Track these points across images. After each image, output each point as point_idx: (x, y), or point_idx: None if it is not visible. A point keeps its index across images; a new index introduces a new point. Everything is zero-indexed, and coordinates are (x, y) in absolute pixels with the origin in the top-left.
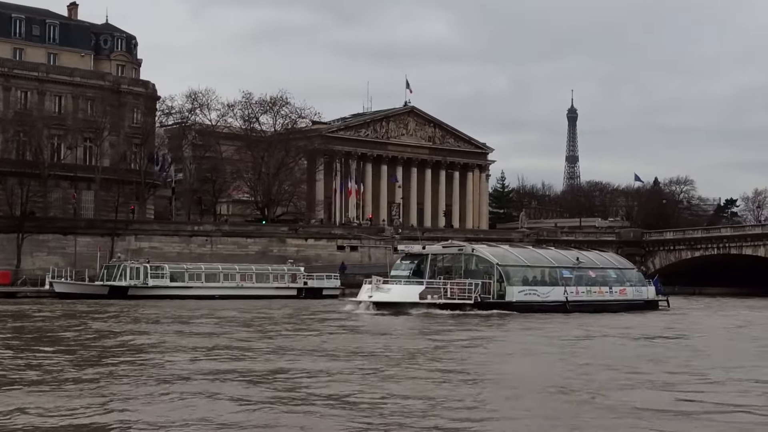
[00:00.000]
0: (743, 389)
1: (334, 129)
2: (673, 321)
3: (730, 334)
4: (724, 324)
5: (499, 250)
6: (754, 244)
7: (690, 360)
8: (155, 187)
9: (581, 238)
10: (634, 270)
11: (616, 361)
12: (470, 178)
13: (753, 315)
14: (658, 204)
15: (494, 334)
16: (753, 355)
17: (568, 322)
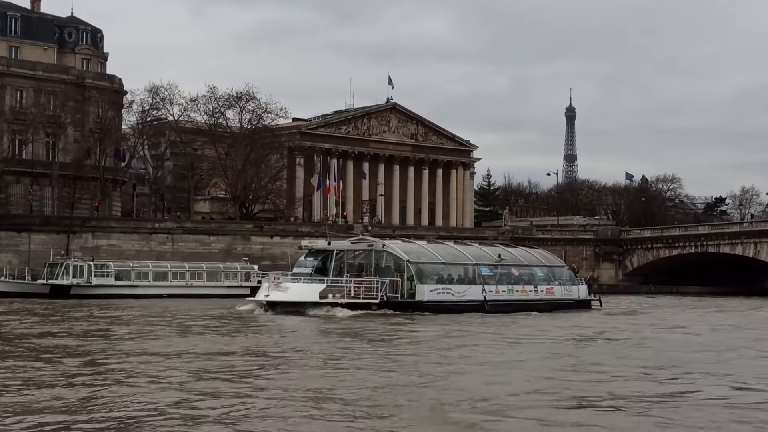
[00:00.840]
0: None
1: (314, 126)
2: (596, 322)
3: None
4: (646, 325)
5: (413, 246)
6: (731, 242)
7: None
8: (122, 183)
9: (557, 236)
10: (565, 268)
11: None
12: (453, 175)
13: (695, 317)
14: (643, 202)
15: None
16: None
17: (470, 322)
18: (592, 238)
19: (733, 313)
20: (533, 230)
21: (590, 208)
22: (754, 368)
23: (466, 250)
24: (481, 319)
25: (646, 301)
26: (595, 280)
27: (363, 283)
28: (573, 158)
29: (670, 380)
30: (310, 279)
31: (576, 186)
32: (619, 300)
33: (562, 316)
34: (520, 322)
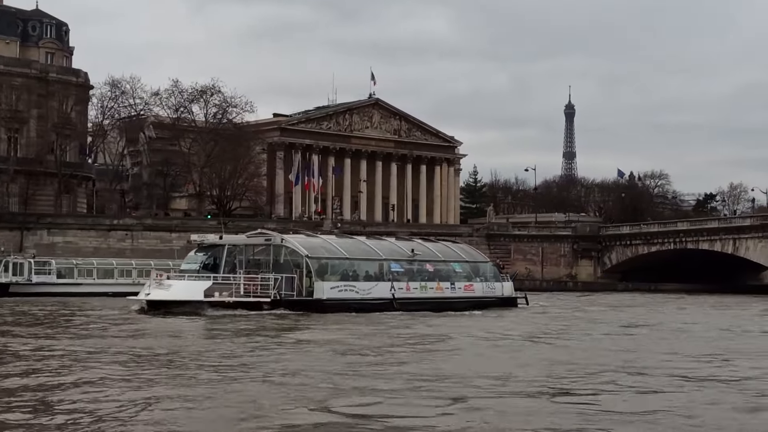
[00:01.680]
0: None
1: (294, 122)
2: (508, 322)
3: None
4: (553, 327)
5: (316, 240)
6: (710, 238)
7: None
8: (87, 179)
9: (534, 233)
10: (489, 264)
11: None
12: (438, 172)
13: (626, 316)
14: (630, 198)
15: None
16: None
17: (361, 323)
18: (571, 234)
19: (682, 312)
20: (509, 227)
21: (578, 205)
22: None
23: (377, 245)
24: (379, 319)
25: (605, 298)
26: (523, 275)
27: (254, 280)
28: (572, 155)
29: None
30: (197, 276)
31: (563, 183)
32: (564, 298)
33: (479, 315)
34: (420, 323)
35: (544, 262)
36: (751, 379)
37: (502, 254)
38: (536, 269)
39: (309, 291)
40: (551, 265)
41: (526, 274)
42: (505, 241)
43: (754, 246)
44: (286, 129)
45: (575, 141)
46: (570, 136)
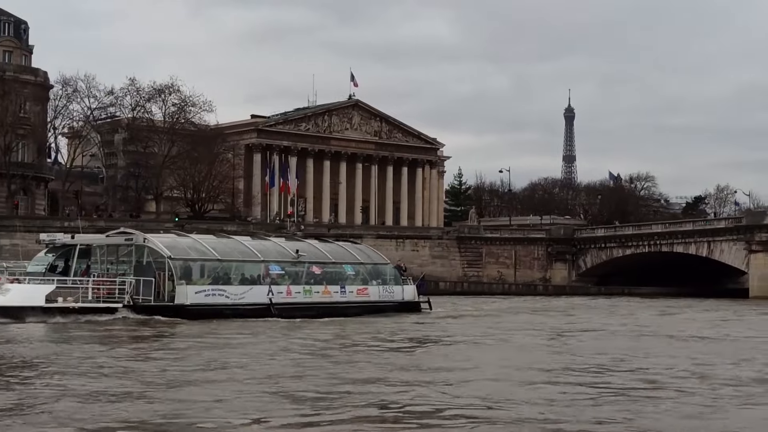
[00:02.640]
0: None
1: (272, 123)
2: (397, 328)
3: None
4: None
5: (184, 240)
6: (685, 241)
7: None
8: (47, 180)
9: (506, 235)
10: (389, 266)
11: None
12: (419, 174)
13: (536, 321)
14: (616, 200)
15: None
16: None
17: (201, 333)
18: (544, 237)
19: (607, 317)
20: (480, 229)
21: (564, 208)
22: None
23: (258, 246)
24: (244, 327)
25: (552, 303)
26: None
27: (105, 284)
28: (572, 159)
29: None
30: (41, 279)
31: (549, 185)
32: (497, 302)
33: (371, 320)
34: (293, 330)
35: (518, 266)
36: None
37: (474, 257)
38: (509, 273)
39: (171, 295)
40: (525, 268)
41: (498, 277)
42: (476, 244)
43: (728, 248)
44: (263, 130)
45: (575, 144)
46: (570, 139)
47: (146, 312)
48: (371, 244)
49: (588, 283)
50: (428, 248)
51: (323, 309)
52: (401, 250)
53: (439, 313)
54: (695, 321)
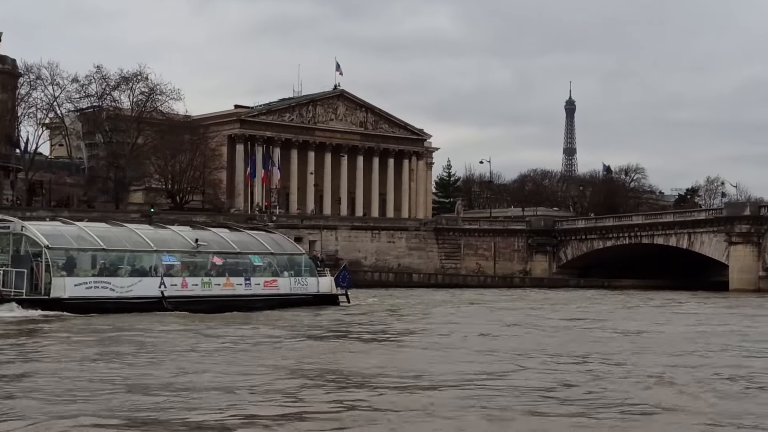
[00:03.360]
0: None
1: (255, 113)
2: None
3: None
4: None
5: (67, 229)
6: (665, 233)
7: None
8: (16, 170)
9: (486, 227)
10: (304, 256)
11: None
12: (406, 165)
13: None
14: (605, 192)
15: None
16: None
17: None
18: (525, 229)
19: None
20: (459, 220)
21: (554, 199)
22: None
23: (152, 235)
24: (116, 323)
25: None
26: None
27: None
28: (572, 151)
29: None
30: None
31: (538, 177)
32: (425, 295)
33: (272, 314)
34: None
35: (497, 258)
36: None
37: (452, 249)
38: (488, 265)
39: (48, 288)
40: (504, 260)
41: (477, 269)
42: (454, 236)
43: (709, 240)
44: (245, 121)
45: (575, 137)
46: (570, 132)
47: (21, 306)
48: (345, 235)
49: (569, 276)
50: (404, 240)
51: (224, 303)
52: (376, 242)
53: (360, 307)
54: (647, 314)
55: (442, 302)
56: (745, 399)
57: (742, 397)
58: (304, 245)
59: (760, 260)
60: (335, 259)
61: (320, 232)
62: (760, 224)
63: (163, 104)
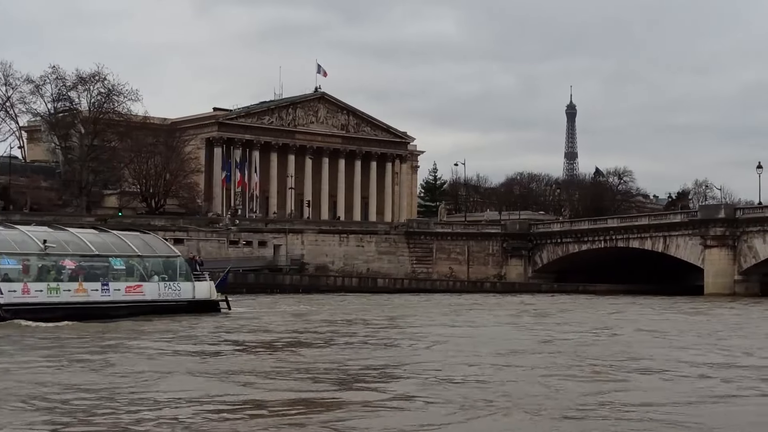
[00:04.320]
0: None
1: (233, 116)
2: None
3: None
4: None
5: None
6: (640, 236)
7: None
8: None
9: (459, 230)
10: (179, 259)
11: None
12: (389, 169)
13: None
14: (592, 196)
15: None
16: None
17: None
18: (500, 232)
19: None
20: (431, 224)
21: (543, 202)
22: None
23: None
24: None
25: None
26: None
27: None
28: (574, 156)
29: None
30: None
31: (525, 181)
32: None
33: (130, 324)
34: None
35: (471, 262)
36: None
37: (423, 253)
38: (461, 269)
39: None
40: (479, 264)
41: (450, 274)
42: (426, 239)
43: (684, 244)
44: (224, 124)
45: (577, 141)
46: (572, 136)
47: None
48: (312, 239)
49: (545, 280)
50: (374, 244)
51: (76, 310)
52: (345, 246)
53: (242, 314)
54: (586, 319)
55: (362, 310)
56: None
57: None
58: (268, 249)
59: (735, 264)
60: (301, 264)
61: (285, 235)
62: (735, 227)
63: (120, 105)
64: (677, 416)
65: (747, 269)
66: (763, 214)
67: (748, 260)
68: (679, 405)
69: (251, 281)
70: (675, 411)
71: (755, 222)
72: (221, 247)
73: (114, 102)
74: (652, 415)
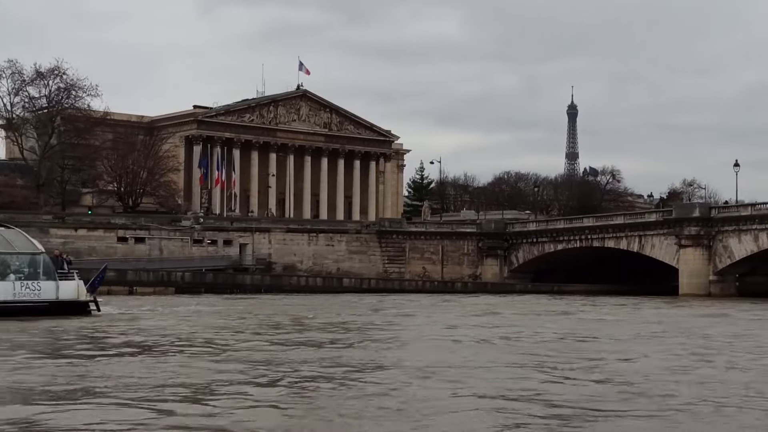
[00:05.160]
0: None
1: (213, 114)
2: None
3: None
4: None
5: None
6: (616, 236)
7: None
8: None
9: (433, 229)
10: (42, 256)
11: None
12: (373, 167)
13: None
14: (579, 195)
15: None
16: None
17: None
18: (475, 231)
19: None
20: (403, 223)
21: (532, 201)
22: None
23: None
24: None
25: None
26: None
27: None
28: (575, 156)
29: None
30: None
31: (512, 180)
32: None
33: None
34: None
35: (445, 262)
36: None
37: (396, 253)
38: (435, 269)
39: None
40: (453, 264)
41: (423, 274)
42: (398, 239)
43: (659, 243)
44: (203, 122)
45: (578, 142)
46: (573, 136)
47: None
48: (280, 238)
49: (521, 280)
50: (345, 243)
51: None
52: (314, 245)
53: (115, 316)
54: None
55: (277, 313)
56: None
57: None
58: (233, 248)
59: (711, 264)
60: (268, 263)
61: (252, 234)
62: (710, 226)
63: (79, 101)
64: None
65: (722, 269)
66: (738, 214)
67: (724, 260)
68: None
69: (209, 281)
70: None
71: (730, 221)
72: (184, 246)
73: (73, 98)
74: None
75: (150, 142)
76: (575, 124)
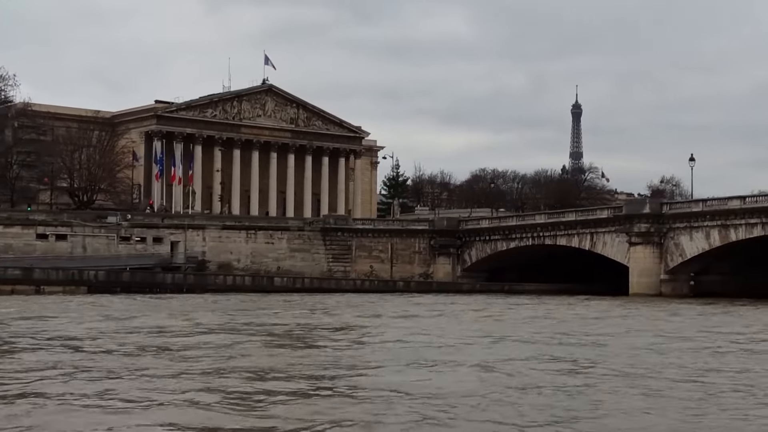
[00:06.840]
0: None
1: (173, 108)
2: None
3: None
4: None
5: None
6: (568, 233)
7: None
8: None
9: (382, 227)
10: None
11: None
12: (342, 164)
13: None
14: (559, 193)
15: None
16: None
17: None
18: (427, 229)
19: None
20: (349, 220)
21: (511, 199)
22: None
23: None
24: None
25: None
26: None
27: None
28: (579, 156)
29: None
30: None
31: (494, 177)
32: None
33: None
34: None
35: (395, 260)
36: None
37: (341, 251)
38: (384, 268)
39: None
40: (403, 263)
41: (370, 273)
42: (343, 237)
43: (611, 241)
44: (163, 117)
45: (582, 141)
46: (577, 136)
47: None
48: (215, 236)
49: (474, 279)
50: (286, 241)
51: None
52: (252, 243)
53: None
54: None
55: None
56: None
57: None
58: (164, 246)
59: (662, 262)
60: (201, 262)
61: (184, 231)
62: (661, 223)
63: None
64: None
65: (674, 268)
66: (690, 210)
67: (675, 259)
68: None
69: (126, 280)
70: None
71: (682, 218)
72: (110, 243)
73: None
74: None
75: (105, 137)
76: (579, 123)
